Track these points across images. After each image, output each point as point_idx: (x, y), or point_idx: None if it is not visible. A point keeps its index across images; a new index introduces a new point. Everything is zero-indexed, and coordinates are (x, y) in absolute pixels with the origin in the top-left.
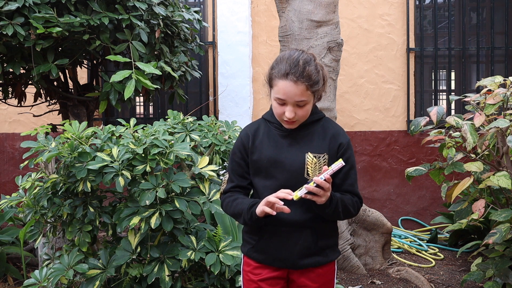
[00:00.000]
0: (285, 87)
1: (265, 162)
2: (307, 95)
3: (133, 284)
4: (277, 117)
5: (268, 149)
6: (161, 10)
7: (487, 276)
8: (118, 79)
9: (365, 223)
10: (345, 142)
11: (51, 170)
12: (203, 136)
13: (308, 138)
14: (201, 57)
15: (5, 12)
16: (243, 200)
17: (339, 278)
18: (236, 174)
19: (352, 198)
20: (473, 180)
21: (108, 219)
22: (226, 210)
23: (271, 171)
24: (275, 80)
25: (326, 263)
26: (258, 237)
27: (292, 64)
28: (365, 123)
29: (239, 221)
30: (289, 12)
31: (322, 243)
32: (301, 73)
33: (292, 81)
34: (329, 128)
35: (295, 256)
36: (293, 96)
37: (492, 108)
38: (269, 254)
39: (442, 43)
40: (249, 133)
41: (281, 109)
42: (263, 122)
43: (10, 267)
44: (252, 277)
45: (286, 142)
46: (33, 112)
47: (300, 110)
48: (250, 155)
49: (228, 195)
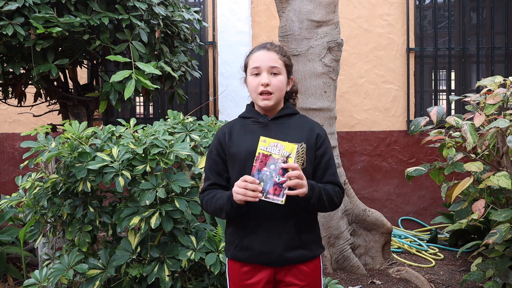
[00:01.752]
0: (258, 55)
1: (243, 154)
2: (280, 64)
3: (133, 284)
4: (253, 93)
5: (245, 141)
6: (161, 10)
7: (487, 276)
8: (118, 79)
9: (365, 223)
10: (322, 133)
11: (51, 170)
12: (203, 136)
13: (285, 129)
14: (201, 57)
15: (5, 12)
16: (222, 194)
17: (339, 278)
18: (213, 171)
19: (334, 188)
20: (473, 180)
21: (108, 219)
22: (207, 208)
23: (248, 162)
24: (250, 56)
25: (311, 259)
26: (242, 235)
27: (265, 42)
28: (365, 123)
29: (221, 216)
30: (289, 12)
31: (306, 236)
32: (272, 44)
33: (265, 49)
34: (305, 122)
35: (280, 248)
36: (266, 61)
37: (492, 108)
38: (253, 250)
39: (442, 43)
40: (225, 130)
41: (256, 81)
42: (239, 120)
43: (10, 267)
44: (241, 282)
45: (262, 133)
46: (33, 112)
47: (274, 78)
48: (228, 150)
49: (206, 193)
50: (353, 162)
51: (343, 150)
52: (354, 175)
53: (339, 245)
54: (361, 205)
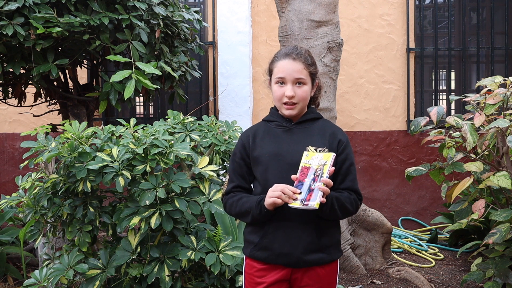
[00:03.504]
0: (284, 64)
1: (266, 156)
2: (305, 74)
3: (133, 284)
4: (277, 102)
5: (269, 144)
6: (161, 10)
7: (487, 276)
8: (118, 79)
9: (365, 223)
10: (344, 139)
11: (51, 170)
12: (203, 136)
13: (307, 134)
14: (201, 57)
15: (5, 12)
16: (248, 198)
17: (339, 278)
18: (237, 174)
19: (349, 196)
20: (473, 180)
21: (108, 219)
22: (230, 210)
23: (271, 164)
24: (275, 63)
25: (329, 262)
26: (262, 234)
27: (291, 48)
28: (365, 123)
29: (245, 219)
30: (289, 12)
31: (325, 240)
32: (298, 53)
33: (291, 59)
34: (328, 126)
35: (299, 251)
36: (292, 73)
37: (492, 108)
38: (273, 250)
39: (442, 43)
40: (249, 133)
41: (281, 91)
42: (263, 123)
43: (10, 267)
44: (257, 279)
45: (286, 136)
46: (33, 112)
47: (298, 90)
48: (251, 152)
49: (231, 196)
50: None
51: None
52: None
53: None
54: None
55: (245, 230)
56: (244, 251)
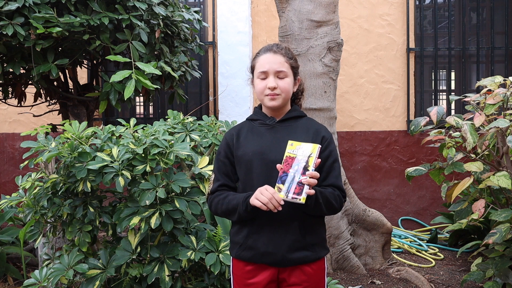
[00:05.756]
0: (265, 58)
1: (249, 155)
2: (286, 67)
3: (133, 284)
4: (260, 95)
5: (252, 142)
6: (161, 10)
7: (487, 276)
8: (118, 79)
9: (365, 223)
10: (327, 136)
11: (51, 170)
12: (203, 136)
13: (291, 131)
14: (201, 57)
15: (5, 12)
16: (235, 196)
17: (339, 278)
18: (222, 172)
19: (333, 192)
20: (473, 180)
21: (108, 219)
22: (216, 208)
23: (255, 162)
24: (257, 59)
25: (315, 260)
26: (246, 234)
27: (271, 44)
28: (365, 123)
29: (232, 217)
30: (289, 12)
31: (310, 238)
32: (278, 46)
33: (272, 52)
34: (311, 124)
35: (284, 249)
36: (273, 65)
37: (492, 108)
38: (257, 250)
39: (442, 43)
40: (233, 132)
41: (263, 83)
42: (247, 122)
43: (10, 267)
44: (246, 281)
45: (270, 134)
46: (33, 112)
47: (280, 81)
48: (235, 151)
49: (216, 194)
50: (353, 162)
51: (343, 150)
52: (354, 175)
53: (339, 245)
54: (361, 205)
55: (231, 231)
56: (230, 252)
